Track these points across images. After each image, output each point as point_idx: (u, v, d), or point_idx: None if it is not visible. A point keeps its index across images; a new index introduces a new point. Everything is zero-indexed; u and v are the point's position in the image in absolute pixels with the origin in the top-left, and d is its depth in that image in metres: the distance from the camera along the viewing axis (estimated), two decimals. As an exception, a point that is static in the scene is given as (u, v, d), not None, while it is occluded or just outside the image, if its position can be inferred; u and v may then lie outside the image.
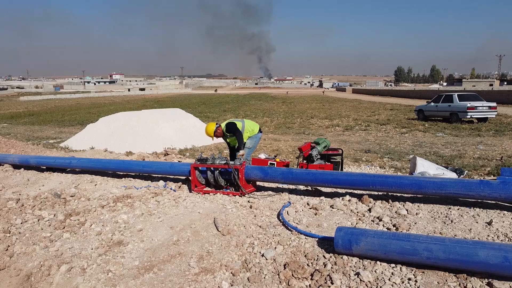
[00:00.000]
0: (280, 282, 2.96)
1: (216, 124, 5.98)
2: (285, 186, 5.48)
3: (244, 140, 5.93)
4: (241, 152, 5.64)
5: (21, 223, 4.49)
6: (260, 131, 6.22)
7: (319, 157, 6.08)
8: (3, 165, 7.70)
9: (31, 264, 3.60)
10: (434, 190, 4.13)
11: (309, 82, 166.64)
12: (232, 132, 5.86)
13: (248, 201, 4.78)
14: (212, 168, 5.26)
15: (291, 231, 3.77)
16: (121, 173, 6.80)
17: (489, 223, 3.56)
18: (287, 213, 4.26)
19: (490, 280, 2.62)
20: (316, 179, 4.76)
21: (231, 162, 5.16)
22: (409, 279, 2.75)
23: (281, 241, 3.53)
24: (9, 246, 3.94)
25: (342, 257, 3.12)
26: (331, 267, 3.02)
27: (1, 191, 5.93)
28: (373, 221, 3.91)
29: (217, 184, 5.30)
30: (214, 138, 6.06)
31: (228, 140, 6.17)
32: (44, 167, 7.40)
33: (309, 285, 2.88)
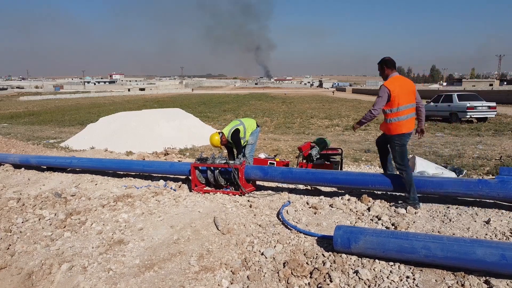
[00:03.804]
0: (279, 280, 2.98)
1: (219, 133, 5.98)
2: (285, 185, 5.51)
3: (247, 138, 6.04)
4: (243, 159, 5.71)
5: (22, 222, 4.51)
6: (257, 125, 6.32)
7: (318, 156, 6.10)
8: (4, 164, 7.72)
9: (32, 262, 3.63)
10: (433, 189, 4.16)
11: (309, 82, 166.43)
12: (234, 141, 5.93)
13: (248, 200, 4.80)
14: (212, 168, 5.29)
15: (291, 230, 3.79)
16: (122, 172, 6.83)
17: (487, 222, 3.59)
18: (287, 212, 4.28)
19: (487, 278, 2.64)
20: (315, 179, 4.79)
21: (231, 162, 5.19)
22: (407, 277, 2.78)
23: (281, 240, 3.56)
24: (10, 245, 3.97)
25: (341, 256, 3.14)
26: (330, 266, 3.04)
27: (2, 191, 5.96)
28: (372, 220, 3.94)
29: (217, 184, 5.33)
30: (222, 147, 6.11)
31: (230, 145, 6.24)
32: (45, 167, 7.43)
33: (308, 283, 2.91)
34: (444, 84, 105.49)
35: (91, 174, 6.80)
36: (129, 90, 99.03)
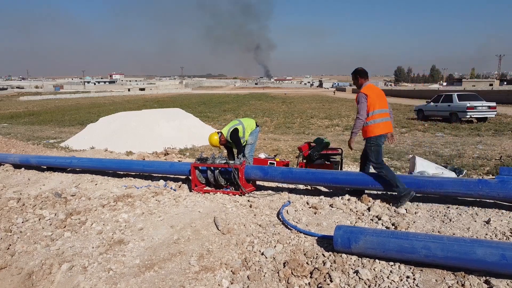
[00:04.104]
0: (279, 280, 2.98)
1: (218, 133, 5.96)
2: (285, 185, 5.51)
3: (246, 138, 6.02)
4: (243, 159, 5.67)
5: (22, 222, 4.51)
6: (257, 125, 6.30)
7: (318, 156, 6.10)
8: (4, 164, 7.72)
9: (32, 262, 3.63)
10: (433, 189, 4.16)
11: (309, 82, 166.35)
12: (234, 140, 5.90)
13: (248, 200, 4.80)
14: (212, 168, 5.29)
15: (291, 230, 3.79)
16: (122, 172, 6.83)
17: (487, 222, 3.59)
18: (287, 212, 4.28)
19: (487, 278, 2.64)
20: (315, 179, 4.79)
21: (231, 162, 5.18)
22: (408, 277, 2.78)
23: (281, 239, 3.56)
24: (10, 245, 3.97)
25: (341, 256, 3.14)
26: (330, 266, 3.04)
27: (2, 191, 5.96)
28: (372, 220, 3.94)
29: (217, 184, 5.33)
30: (221, 147, 6.09)
31: (229, 145, 6.23)
32: (45, 167, 7.43)
33: (309, 283, 2.91)
34: (444, 84, 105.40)
35: (91, 174, 6.80)
36: (129, 90, 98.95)
